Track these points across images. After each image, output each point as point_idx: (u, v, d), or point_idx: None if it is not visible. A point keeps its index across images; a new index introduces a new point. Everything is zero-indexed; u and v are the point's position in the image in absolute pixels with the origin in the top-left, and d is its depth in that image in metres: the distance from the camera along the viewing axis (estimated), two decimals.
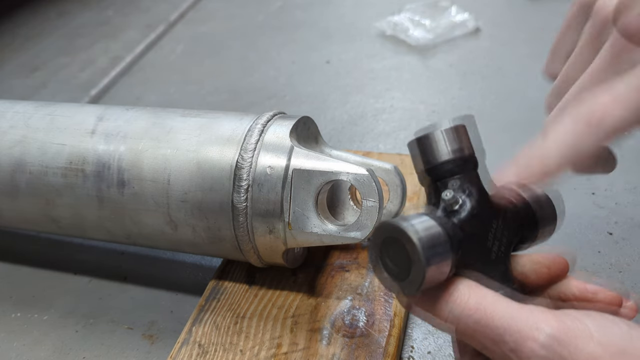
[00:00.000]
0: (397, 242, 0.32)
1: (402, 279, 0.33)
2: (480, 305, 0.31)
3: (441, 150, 0.37)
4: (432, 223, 0.33)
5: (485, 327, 0.31)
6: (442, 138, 0.37)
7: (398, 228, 0.32)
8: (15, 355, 0.57)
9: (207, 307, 0.53)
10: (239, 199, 0.50)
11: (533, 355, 0.29)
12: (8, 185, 0.58)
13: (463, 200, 0.35)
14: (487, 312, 0.31)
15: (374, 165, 0.55)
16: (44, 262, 0.68)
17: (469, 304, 0.31)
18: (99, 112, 0.58)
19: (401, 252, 0.32)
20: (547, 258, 0.37)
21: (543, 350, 0.29)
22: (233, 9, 1.37)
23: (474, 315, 0.31)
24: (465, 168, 0.37)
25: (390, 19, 1.15)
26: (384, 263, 0.34)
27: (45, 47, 1.28)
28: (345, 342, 0.49)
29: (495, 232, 0.36)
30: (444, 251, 0.32)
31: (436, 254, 0.32)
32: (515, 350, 0.30)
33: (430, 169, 0.37)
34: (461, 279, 0.33)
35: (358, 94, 0.96)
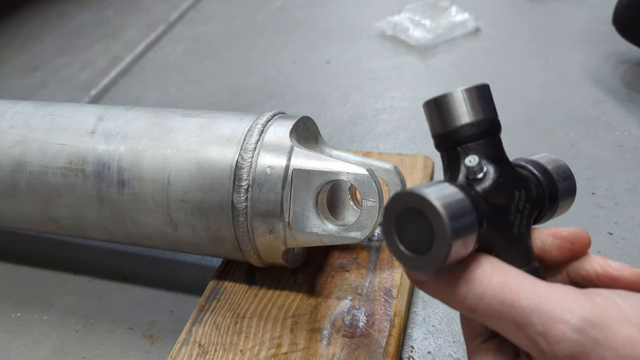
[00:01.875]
0: (417, 211, 0.29)
1: (422, 253, 0.29)
2: (505, 284, 0.28)
3: (462, 111, 0.33)
4: (456, 190, 0.30)
5: (510, 308, 0.28)
6: (463, 98, 0.33)
7: (419, 196, 0.28)
8: (15, 355, 0.57)
9: (207, 307, 0.53)
10: (239, 199, 0.50)
11: (564, 339, 0.27)
12: (8, 185, 0.58)
13: (487, 168, 0.32)
14: (513, 292, 0.28)
15: (374, 165, 0.55)
16: (44, 262, 0.68)
17: (492, 283, 0.29)
18: (99, 112, 0.58)
19: (421, 223, 0.29)
20: (570, 232, 0.35)
21: (575, 333, 0.27)
22: (233, 9, 1.38)
23: (498, 295, 0.28)
24: (489, 132, 0.33)
25: (390, 19, 1.15)
26: (399, 235, 0.30)
27: (45, 47, 1.28)
28: (345, 342, 0.49)
29: (517, 203, 0.33)
30: (470, 224, 0.29)
31: (462, 226, 0.29)
32: (544, 333, 0.27)
33: (450, 132, 0.33)
34: (482, 255, 0.30)
35: (358, 94, 0.96)
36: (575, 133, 0.80)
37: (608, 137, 0.79)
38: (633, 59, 0.93)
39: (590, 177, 0.72)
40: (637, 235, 0.63)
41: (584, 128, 0.81)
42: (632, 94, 0.86)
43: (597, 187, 0.70)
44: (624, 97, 0.86)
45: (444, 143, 0.34)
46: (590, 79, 0.91)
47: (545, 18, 1.13)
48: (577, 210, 0.67)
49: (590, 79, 0.91)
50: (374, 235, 0.59)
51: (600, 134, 0.79)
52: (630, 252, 0.61)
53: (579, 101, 0.86)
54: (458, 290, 0.30)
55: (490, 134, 0.34)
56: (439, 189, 0.29)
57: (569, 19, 1.11)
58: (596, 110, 0.84)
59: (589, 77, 0.91)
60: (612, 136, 0.79)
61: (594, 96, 0.87)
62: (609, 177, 0.72)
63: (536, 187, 0.35)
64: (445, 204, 0.28)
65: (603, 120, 0.82)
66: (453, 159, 0.34)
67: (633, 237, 0.63)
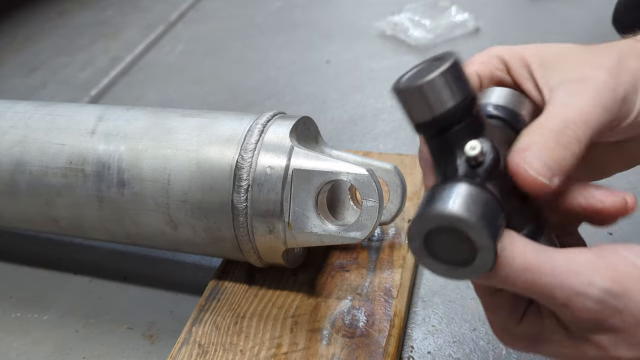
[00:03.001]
0: (451, 230, 0.28)
1: (465, 264, 0.29)
2: (527, 265, 0.30)
3: (445, 95, 0.32)
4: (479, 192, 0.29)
5: (534, 286, 0.30)
6: (443, 82, 0.31)
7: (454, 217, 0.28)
8: (15, 355, 0.57)
9: (207, 307, 0.53)
10: (239, 199, 0.50)
11: (585, 309, 0.30)
12: (8, 185, 0.58)
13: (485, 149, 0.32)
14: (535, 272, 0.30)
15: (374, 165, 0.55)
16: (44, 262, 0.68)
17: (515, 265, 0.30)
18: (99, 112, 0.58)
19: (457, 238, 0.29)
20: None
21: (596, 304, 0.30)
22: (233, 9, 1.37)
23: (522, 275, 0.30)
24: (472, 109, 0.33)
25: (390, 19, 1.15)
26: (431, 252, 0.30)
27: (45, 47, 1.28)
28: (345, 342, 0.49)
29: None
30: (501, 221, 0.30)
31: (497, 227, 0.29)
32: (567, 304, 0.30)
33: (436, 118, 0.32)
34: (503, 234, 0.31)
35: (358, 94, 0.96)
36: None
37: None
38: None
39: None
40: (637, 235, 0.63)
41: None
42: None
43: None
44: None
45: (430, 130, 0.33)
46: None
47: (545, 18, 1.13)
48: None
49: None
50: (374, 235, 0.59)
51: None
52: None
53: None
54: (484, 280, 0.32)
55: (472, 111, 0.33)
56: (464, 200, 0.29)
57: (569, 19, 1.11)
58: None
59: None
60: None
61: None
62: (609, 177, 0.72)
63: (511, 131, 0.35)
64: (480, 216, 0.28)
65: None
66: (444, 145, 0.33)
67: (633, 237, 0.63)
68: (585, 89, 0.34)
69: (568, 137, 0.33)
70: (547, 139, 0.33)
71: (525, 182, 0.32)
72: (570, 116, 0.33)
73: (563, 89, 0.35)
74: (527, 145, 0.33)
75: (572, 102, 0.34)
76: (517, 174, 0.32)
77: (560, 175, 0.33)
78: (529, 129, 0.34)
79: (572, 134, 0.33)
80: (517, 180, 0.32)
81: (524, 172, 0.32)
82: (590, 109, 0.33)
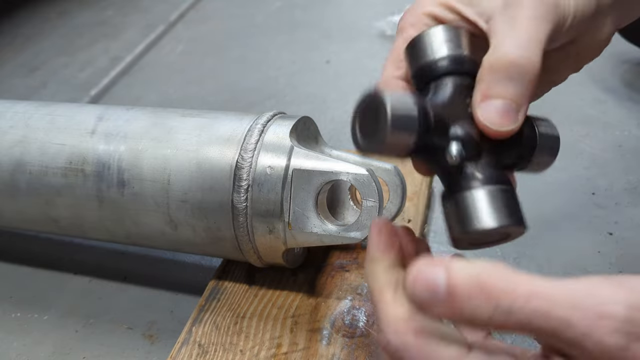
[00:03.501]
0: (373, 108, 0.33)
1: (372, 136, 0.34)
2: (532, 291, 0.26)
3: (438, 45, 0.36)
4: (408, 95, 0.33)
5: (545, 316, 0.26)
6: (441, 34, 0.36)
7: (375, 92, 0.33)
8: (15, 355, 0.57)
9: (207, 307, 0.53)
10: (239, 199, 0.50)
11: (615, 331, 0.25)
12: (8, 185, 0.58)
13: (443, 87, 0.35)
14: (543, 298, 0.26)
15: (374, 165, 0.55)
16: (44, 262, 0.68)
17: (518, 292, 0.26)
18: (99, 112, 0.58)
19: (376, 117, 0.33)
20: None
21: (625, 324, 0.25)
22: (233, 9, 1.37)
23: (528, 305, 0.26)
24: (463, 69, 0.35)
25: (390, 19, 1.15)
26: (360, 129, 0.35)
27: (45, 47, 1.28)
28: (345, 342, 0.49)
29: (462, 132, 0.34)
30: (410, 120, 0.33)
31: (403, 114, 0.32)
32: (589, 333, 0.25)
33: (425, 65, 0.36)
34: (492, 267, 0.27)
35: (358, 94, 0.96)
36: (575, 133, 0.80)
37: (608, 137, 0.79)
38: (633, 59, 0.93)
39: (590, 177, 0.72)
40: (637, 235, 0.63)
41: (584, 128, 0.81)
42: (632, 94, 0.86)
43: (597, 187, 0.70)
44: (624, 97, 0.86)
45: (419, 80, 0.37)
46: (590, 78, 0.91)
47: None
48: (577, 210, 0.67)
49: (590, 78, 0.91)
50: None
51: (600, 134, 0.79)
52: (630, 252, 0.61)
53: (578, 101, 0.86)
54: (482, 311, 0.27)
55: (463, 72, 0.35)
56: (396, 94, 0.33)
57: None
58: (596, 110, 0.84)
59: (588, 77, 0.91)
60: (612, 136, 0.79)
61: (593, 96, 0.87)
62: (609, 177, 0.72)
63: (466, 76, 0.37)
64: (393, 97, 0.32)
65: (603, 120, 0.82)
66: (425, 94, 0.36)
67: (633, 237, 0.63)
68: (519, 12, 0.34)
69: (519, 68, 0.33)
70: (499, 80, 0.33)
71: (492, 135, 0.33)
72: (515, 47, 0.33)
73: (498, 19, 0.35)
74: (483, 96, 0.34)
75: (513, 31, 0.34)
76: (482, 129, 0.33)
77: (523, 108, 0.33)
78: (481, 72, 0.34)
79: (523, 63, 0.33)
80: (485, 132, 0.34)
81: (488, 129, 0.33)
82: (531, 32, 0.33)
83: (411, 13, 0.39)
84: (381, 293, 0.32)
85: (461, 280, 0.27)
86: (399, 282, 0.32)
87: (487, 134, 0.34)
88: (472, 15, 0.36)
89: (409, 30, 0.38)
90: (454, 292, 0.27)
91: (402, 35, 0.39)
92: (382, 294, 0.32)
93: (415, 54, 0.37)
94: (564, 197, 0.70)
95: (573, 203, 0.68)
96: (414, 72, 0.37)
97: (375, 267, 0.33)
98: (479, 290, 0.27)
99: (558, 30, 0.35)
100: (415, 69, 0.37)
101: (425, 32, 0.36)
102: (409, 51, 0.37)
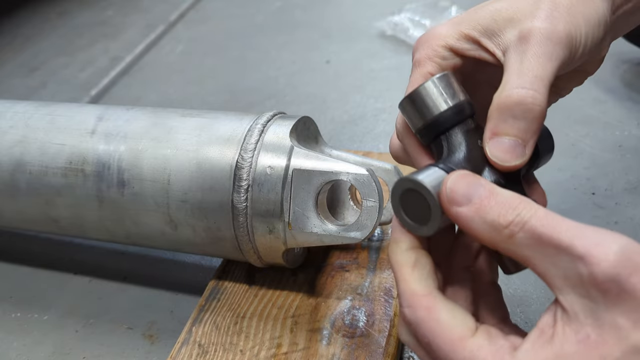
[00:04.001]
0: (415, 192, 0.34)
1: (423, 223, 0.34)
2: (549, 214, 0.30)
3: (438, 100, 0.37)
4: (443, 173, 0.34)
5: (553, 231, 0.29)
6: (436, 87, 0.37)
7: (415, 181, 0.34)
8: (15, 355, 0.57)
9: (207, 307, 0.53)
10: (239, 199, 0.50)
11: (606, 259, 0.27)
12: (8, 185, 0.58)
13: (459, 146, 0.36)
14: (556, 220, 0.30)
15: (374, 165, 0.55)
16: (44, 262, 0.68)
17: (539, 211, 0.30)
18: (99, 112, 0.58)
19: (420, 201, 0.34)
20: None
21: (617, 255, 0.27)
22: (233, 9, 1.37)
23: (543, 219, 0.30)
24: (466, 115, 0.37)
25: (390, 19, 1.14)
26: (404, 209, 0.35)
27: (45, 47, 1.28)
28: (345, 342, 0.49)
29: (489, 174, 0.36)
30: None
31: None
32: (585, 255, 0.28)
33: (430, 122, 0.37)
34: None
35: (358, 94, 0.96)
36: (575, 133, 0.80)
37: (608, 137, 0.79)
38: (633, 59, 0.93)
39: (590, 177, 0.72)
40: (637, 235, 0.63)
41: (583, 128, 0.81)
42: (632, 94, 0.86)
43: (597, 187, 0.70)
44: (624, 97, 0.86)
45: (427, 135, 0.38)
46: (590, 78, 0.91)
47: None
48: (577, 210, 0.67)
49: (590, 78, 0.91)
50: (374, 235, 0.59)
51: (600, 134, 0.79)
52: None
53: (578, 101, 0.86)
54: (505, 214, 0.31)
55: (465, 118, 0.37)
56: (430, 174, 0.34)
57: None
58: (596, 110, 0.84)
59: None
60: (612, 136, 0.79)
61: (593, 96, 0.87)
62: (609, 177, 0.72)
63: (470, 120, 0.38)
64: (434, 184, 0.34)
65: (603, 120, 0.82)
66: (438, 148, 0.37)
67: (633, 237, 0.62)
68: (529, 48, 0.35)
69: (524, 107, 0.34)
70: (506, 119, 0.35)
71: (502, 170, 0.36)
72: (521, 86, 0.34)
73: (511, 53, 0.36)
74: (492, 133, 0.35)
75: (521, 68, 0.35)
76: (492, 164, 0.36)
77: (530, 143, 0.35)
78: (490, 110, 0.36)
79: (528, 102, 0.34)
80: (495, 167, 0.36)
81: (497, 165, 0.35)
82: (537, 71, 0.35)
83: (428, 45, 0.40)
84: (400, 271, 0.35)
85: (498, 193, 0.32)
86: (418, 261, 0.35)
87: (497, 168, 0.36)
88: (492, 47, 0.38)
89: (427, 65, 0.39)
90: (491, 194, 0.32)
91: (420, 70, 0.39)
92: (400, 271, 0.34)
93: (416, 111, 0.38)
94: (564, 197, 0.70)
95: (573, 203, 0.68)
96: (419, 129, 0.38)
97: (396, 248, 0.36)
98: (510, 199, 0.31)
99: (569, 62, 0.36)
100: (419, 126, 0.38)
101: (421, 87, 0.37)
102: (407, 107, 0.38)
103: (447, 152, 0.37)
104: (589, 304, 0.28)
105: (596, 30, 0.37)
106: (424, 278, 0.34)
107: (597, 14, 0.37)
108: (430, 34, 0.40)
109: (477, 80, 0.42)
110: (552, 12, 0.36)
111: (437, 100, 0.37)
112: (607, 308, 0.27)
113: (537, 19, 0.36)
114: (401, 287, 0.34)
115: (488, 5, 0.39)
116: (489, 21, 0.38)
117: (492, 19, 0.37)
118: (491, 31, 0.37)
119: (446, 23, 0.40)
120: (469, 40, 0.38)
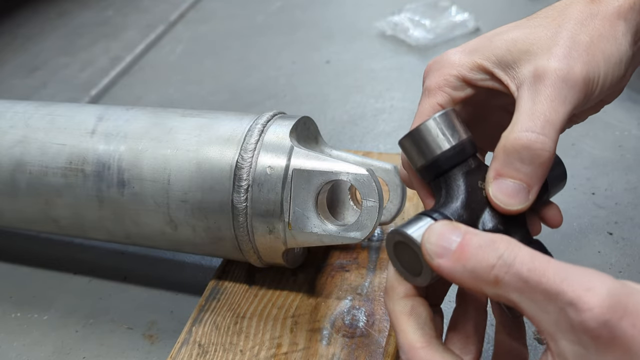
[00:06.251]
0: (406, 245, 0.34)
1: (417, 274, 0.34)
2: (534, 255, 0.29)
3: (438, 139, 0.36)
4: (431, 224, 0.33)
5: (541, 276, 0.28)
6: (437, 126, 0.36)
7: (404, 234, 0.34)
8: (15, 355, 0.57)
9: (207, 307, 0.53)
10: (239, 199, 0.50)
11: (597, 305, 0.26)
12: (8, 185, 0.58)
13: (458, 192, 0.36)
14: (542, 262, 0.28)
15: (374, 165, 0.55)
16: (44, 262, 0.68)
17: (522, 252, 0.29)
18: (99, 112, 0.58)
19: (411, 253, 0.34)
20: None
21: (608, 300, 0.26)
22: (233, 9, 1.37)
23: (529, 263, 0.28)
24: (466, 155, 0.36)
25: (390, 19, 1.15)
26: (399, 259, 0.35)
27: (45, 47, 1.28)
28: (345, 342, 0.49)
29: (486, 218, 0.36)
30: None
31: None
32: (575, 301, 0.27)
33: (430, 163, 0.36)
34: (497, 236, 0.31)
35: (358, 94, 0.96)
36: (575, 133, 0.80)
37: (608, 137, 0.79)
38: None
39: (590, 177, 0.72)
40: (637, 235, 0.63)
41: (584, 128, 0.81)
42: (632, 94, 0.86)
43: (597, 187, 0.70)
44: (624, 97, 0.86)
45: (428, 175, 0.37)
46: None
47: None
48: (577, 210, 0.67)
49: None
50: (373, 235, 0.59)
51: (600, 134, 0.79)
52: (630, 252, 0.61)
53: None
54: (487, 258, 0.30)
55: (467, 156, 0.36)
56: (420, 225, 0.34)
57: None
58: None
59: None
60: (612, 136, 0.79)
61: None
62: (609, 177, 0.72)
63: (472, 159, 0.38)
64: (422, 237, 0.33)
65: (603, 120, 0.82)
66: (437, 189, 0.37)
67: (633, 237, 0.63)
68: (542, 89, 0.34)
69: (532, 152, 0.34)
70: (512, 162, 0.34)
71: (503, 212, 0.35)
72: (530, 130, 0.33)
73: (525, 91, 0.35)
74: (496, 174, 0.35)
75: (533, 110, 0.34)
76: (494, 206, 0.35)
77: (535, 188, 0.34)
78: (497, 150, 0.35)
79: (537, 148, 0.34)
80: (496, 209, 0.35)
81: (498, 207, 0.35)
82: (549, 115, 0.34)
83: (439, 74, 0.38)
84: (397, 320, 0.35)
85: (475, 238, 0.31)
86: (414, 309, 0.34)
87: (498, 211, 0.35)
88: (506, 79, 0.36)
89: (437, 95, 0.38)
90: (468, 240, 0.31)
91: (429, 100, 0.38)
92: (397, 321, 0.34)
93: (416, 150, 0.37)
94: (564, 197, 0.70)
95: (573, 203, 0.68)
96: (420, 168, 0.38)
97: (392, 295, 0.36)
98: (490, 242, 0.30)
99: (584, 103, 0.35)
100: (420, 165, 0.37)
101: (422, 125, 0.36)
102: (407, 145, 0.38)
103: (445, 195, 0.36)
104: (580, 351, 0.27)
105: (616, 69, 0.36)
106: (420, 327, 0.34)
107: (619, 51, 0.35)
108: (442, 61, 0.38)
109: (490, 106, 0.41)
110: (570, 50, 0.34)
111: (436, 140, 0.36)
112: (599, 355, 0.27)
113: (554, 58, 0.34)
114: (399, 339, 0.34)
115: (504, 34, 0.37)
116: (504, 52, 0.36)
117: (507, 50, 0.36)
118: (505, 63, 0.36)
119: (460, 49, 0.38)
120: (482, 71, 0.37)
